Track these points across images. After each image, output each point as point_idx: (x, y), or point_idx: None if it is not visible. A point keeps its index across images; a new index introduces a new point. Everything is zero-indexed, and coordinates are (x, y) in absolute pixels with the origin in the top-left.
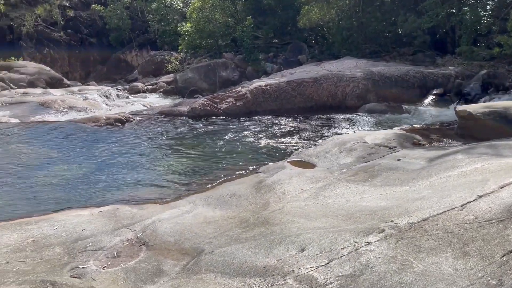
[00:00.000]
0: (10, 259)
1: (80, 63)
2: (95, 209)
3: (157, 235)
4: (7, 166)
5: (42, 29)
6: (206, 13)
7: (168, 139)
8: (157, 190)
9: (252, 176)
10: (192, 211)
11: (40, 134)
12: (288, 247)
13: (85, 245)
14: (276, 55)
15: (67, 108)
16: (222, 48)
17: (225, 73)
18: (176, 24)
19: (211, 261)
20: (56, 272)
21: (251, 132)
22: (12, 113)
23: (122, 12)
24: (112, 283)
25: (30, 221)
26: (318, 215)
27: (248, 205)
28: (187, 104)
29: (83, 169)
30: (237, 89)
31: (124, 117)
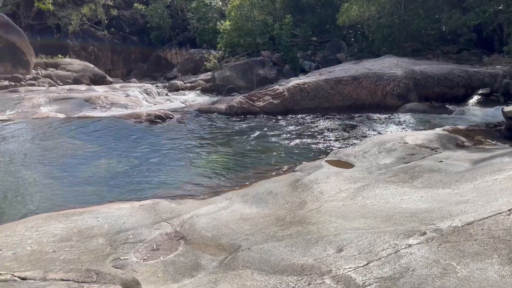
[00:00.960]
0: (57, 248)
1: (122, 61)
2: (135, 203)
3: (195, 230)
4: (54, 159)
5: (87, 27)
6: (245, 11)
7: (206, 136)
8: (194, 185)
9: (289, 174)
10: (228, 208)
11: (84, 129)
12: (325, 247)
13: (126, 237)
14: (314, 53)
15: (110, 104)
16: (260, 46)
17: (263, 71)
18: (215, 22)
19: (248, 258)
20: (100, 262)
21: (287, 131)
22: (59, 108)
23: (163, 11)
24: (152, 275)
25: (75, 213)
26: (356, 216)
27: (284, 204)
28: (224, 102)
29: (124, 164)
30: (274, 87)
31: (164, 114)
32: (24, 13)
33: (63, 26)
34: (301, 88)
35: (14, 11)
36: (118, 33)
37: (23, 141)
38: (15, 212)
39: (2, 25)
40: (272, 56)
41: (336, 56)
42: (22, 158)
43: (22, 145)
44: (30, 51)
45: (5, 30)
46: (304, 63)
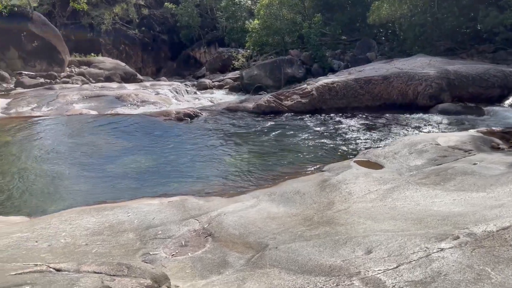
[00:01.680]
0: (89, 241)
1: (152, 59)
2: (164, 199)
3: (222, 227)
4: (86, 154)
5: (119, 26)
6: (274, 10)
7: (234, 134)
8: (222, 183)
9: (317, 174)
10: (256, 206)
11: (115, 126)
12: (354, 248)
13: (156, 232)
14: (343, 52)
15: (140, 102)
16: (288, 45)
17: (291, 70)
18: (244, 21)
19: (275, 257)
20: (130, 256)
21: (315, 130)
22: (91, 105)
23: (192, 10)
24: (180, 271)
25: (107, 207)
26: (386, 218)
27: (312, 203)
28: (252, 100)
29: (153, 160)
30: (302, 86)
31: (193, 112)
32: (59, 12)
33: (96, 25)
34: (330, 87)
35: (50, 11)
36: (149, 32)
37: (58, 137)
38: (49, 205)
39: (39, 25)
40: (300, 55)
41: (366, 55)
42: (56, 153)
43: (56, 140)
44: (65, 49)
45: (42, 29)
46: (333, 62)
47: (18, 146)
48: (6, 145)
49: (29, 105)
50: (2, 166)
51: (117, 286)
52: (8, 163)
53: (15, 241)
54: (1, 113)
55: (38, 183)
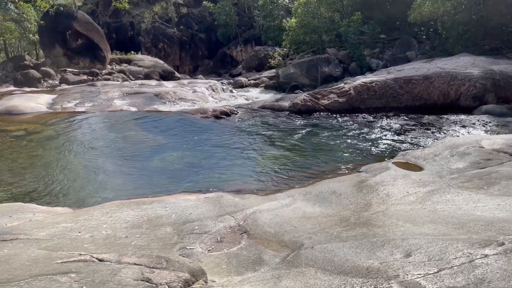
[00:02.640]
0: (129, 234)
1: (189, 57)
2: (201, 195)
3: (257, 225)
4: (126, 150)
5: (158, 25)
6: (312, 8)
7: (269, 133)
8: (257, 181)
9: (353, 175)
10: (291, 205)
11: (154, 122)
12: (392, 251)
13: (192, 227)
14: (382, 51)
15: (178, 99)
16: (325, 44)
17: (327, 69)
18: (281, 19)
19: (311, 256)
20: (167, 250)
21: (352, 130)
22: (131, 102)
23: (230, 9)
24: (216, 266)
25: (146, 201)
26: (425, 221)
27: (348, 204)
28: (288, 99)
29: (190, 157)
30: (339, 85)
31: (229, 110)
32: (102, 11)
33: (136, 24)
34: (368, 86)
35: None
36: (187, 30)
37: (99, 132)
38: (90, 197)
39: (83, 23)
40: (338, 54)
41: (406, 54)
42: (97, 147)
43: (97, 135)
44: (107, 47)
45: (86, 28)
46: (371, 61)
47: (62, 140)
48: (51, 139)
49: (73, 101)
50: (47, 159)
51: (157, 278)
52: (53, 156)
53: (60, 231)
54: (47, 108)
55: (80, 176)
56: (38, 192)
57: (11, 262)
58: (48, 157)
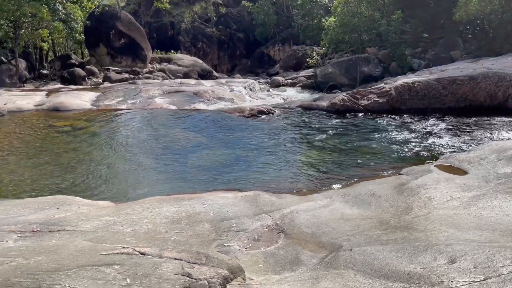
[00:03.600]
0: (168, 229)
1: (227, 57)
2: (238, 193)
3: (294, 225)
4: (166, 147)
5: (198, 25)
6: (352, 7)
7: (306, 132)
8: (294, 181)
9: (394, 177)
10: (329, 206)
11: (192, 120)
12: (435, 256)
13: (230, 225)
14: (424, 51)
15: (216, 98)
16: (365, 43)
17: (367, 69)
18: (319, 19)
19: (350, 259)
20: (206, 246)
21: (392, 131)
22: (171, 100)
23: (268, 8)
24: (253, 265)
25: (184, 198)
26: (470, 227)
27: (388, 207)
28: (327, 99)
29: (227, 155)
30: (380, 85)
31: (266, 109)
32: (144, 11)
33: (177, 24)
34: (410, 87)
35: (135, 10)
36: (225, 30)
37: (140, 129)
38: (131, 192)
39: (126, 23)
40: (378, 53)
41: (450, 54)
42: (138, 144)
43: (138, 132)
44: (148, 46)
45: (129, 27)
46: (412, 61)
47: (105, 136)
48: (95, 135)
49: (115, 98)
50: (90, 154)
51: (196, 274)
52: (96, 151)
53: (103, 224)
54: (91, 105)
55: (121, 171)
56: (83, 185)
57: (59, 252)
58: (92, 152)
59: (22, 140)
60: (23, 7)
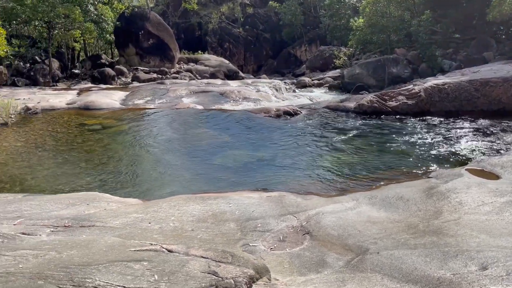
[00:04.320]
0: (194, 227)
1: (253, 57)
2: (263, 193)
3: (320, 227)
4: (192, 146)
5: (225, 25)
6: (381, 7)
7: (333, 134)
8: (319, 182)
9: (422, 180)
10: (355, 209)
11: (218, 120)
12: (466, 262)
13: (255, 225)
14: (455, 52)
15: (242, 98)
16: (394, 44)
17: (395, 70)
18: (347, 19)
19: (377, 262)
20: (231, 245)
21: (421, 133)
22: (197, 100)
23: (296, 8)
24: (278, 265)
25: (210, 197)
26: (503, 233)
27: (416, 211)
28: (353, 100)
29: (253, 155)
30: (409, 87)
31: (292, 109)
32: (172, 12)
33: (204, 24)
34: (440, 88)
35: (164, 11)
36: (252, 30)
37: (167, 129)
38: (158, 190)
39: (155, 24)
40: (407, 54)
41: (483, 55)
42: (165, 143)
43: (166, 132)
44: (176, 47)
45: (158, 28)
46: (443, 62)
47: (133, 135)
48: (123, 133)
49: (144, 98)
50: (119, 152)
51: (223, 272)
52: (124, 149)
53: (132, 221)
54: (120, 104)
55: (148, 169)
56: (111, 182)
57: (90, 247)
58: (120, 150)
59: (54, 137)
60: (57, 8)
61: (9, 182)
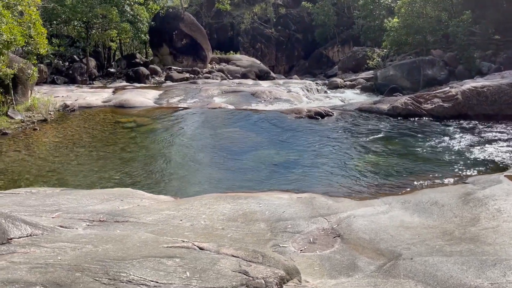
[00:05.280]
0: (225, 226)
1: (285, 58)
2: (293, 194)
3: (352, 230)
4: (222, 145)
5: (257, 26)
6: (417, 7)
7: (365, 136)
8: (351, 185)
9: (458, 186)
10: (387, 213)
11: (249, 120)
12: (505, 272)
13: (285, 226)
14: (495, 54)
15: (273, 99)
16: (430, 45)
17: (431, 72)
18: (382, 19)
19: (410, 268)
20: (261, 245)
21: (458, 137)
22: (229, 100)
23: (329, 9)
24: (309, 267)
25: (241, 196)
26: None
27: (452, 217)
28: (387, 102)
29: (283, 156)
30: (445, 89)
31: (324, 111)
32: (205, 12)
33: (236, 25)
34: (479, 91)
35: (197, 11)
36: (284, 30)
37: (199, 127)
38: (189, 188)
39: (189, 24)
40: (444, 56)
41: None
42: (197, 142)
43: (197, 130)
44: (208, 47)
45: (191, 28)
46: (481, 64)
47: (166, 133)
48: (156, 131)
49: (176, 97)
50: (152, 149)
51: (253, 272)
52: (157, 147)
53: (164, 218)
54: (154, 103)
55: (180, 167)
56: (144, 179)
57: (124, 242)
58: (153, 147)
59: (90, 134)
60: (95, 8)
61: (47, 176)
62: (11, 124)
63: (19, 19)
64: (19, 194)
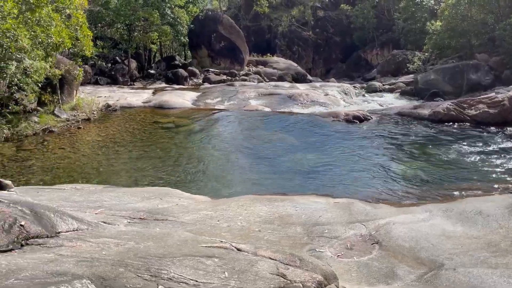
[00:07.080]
0: (261, 228)
1: (322, 60)
2: (330, 199)
3: (390, 237)
4: (259, 147)
5: (295, 28)
6: (461, 10)
7: (405, 141)
8: (389, 191)
9: (505, 196)
10: (428, 221)
11: (286, 123)
12: None
13: (322, 231)
14: None
15: (310, 101)
16: (474, 49)
17: (475, 76)
18: (423, 22)
19: (453, 279)
20: (297, 249)
21: (502, 145)
22: (265, 102)
23: (368, 11)
24: (346, 273)
25: (277, 199)
26: None
27: (497, 228)
28: (428, 107)
29: (319, 159)
30: (490, 95)
31: (362, 114)
32: (243, 15)
33: (274, 27)
34: None
35: (236, 14)
36: (322, 33)
37: (235, 129)
38: (225, 189)
39: (227, 27)
40: (489, 60)
41: None
42: (233, 143)
43: (234, 132)
44: (246, 49)
45: (229, 31)
46: None
47: (203, 134)
48: (194, 132)
49: (214, 99)
50: (190, 150)
51: (291, 275)
52: (195, 148)
53: (201, 217)
54: (192, 104)
55: (217, 168)
56: (182, 179)
57: (165, 240)
58: (191, 148)
59: (131, 133)
60: (137, 12)
61: (90, 173)
62: (57, 123)
63: (67, 22)
64: (65, 190)
